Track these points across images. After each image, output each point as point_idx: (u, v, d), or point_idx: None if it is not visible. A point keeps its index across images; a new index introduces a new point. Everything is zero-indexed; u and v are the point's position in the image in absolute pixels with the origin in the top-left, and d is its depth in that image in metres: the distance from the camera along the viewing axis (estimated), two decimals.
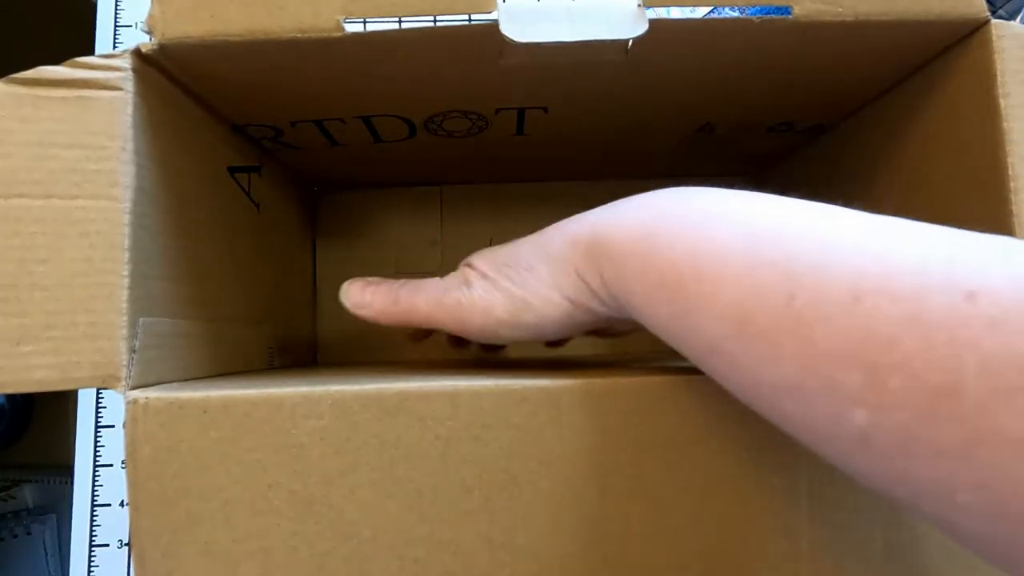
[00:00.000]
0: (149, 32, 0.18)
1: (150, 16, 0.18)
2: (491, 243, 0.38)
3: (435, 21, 0.19)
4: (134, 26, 0.37)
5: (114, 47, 0.37)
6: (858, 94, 0.26)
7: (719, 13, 0.20)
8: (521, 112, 0.27)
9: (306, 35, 0.19)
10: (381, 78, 0.22)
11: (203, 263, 0.23)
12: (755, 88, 0.25)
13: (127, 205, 0.18)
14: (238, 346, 0.26)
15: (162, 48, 0.19)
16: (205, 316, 0.23)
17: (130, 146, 0.18)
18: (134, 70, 0.19)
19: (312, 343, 0.36)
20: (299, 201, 0.35)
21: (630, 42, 0.21)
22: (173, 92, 0.21)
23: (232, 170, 0.26)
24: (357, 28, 0.19)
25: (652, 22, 0.19)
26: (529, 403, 0.18)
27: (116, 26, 0.37)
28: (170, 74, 0.20)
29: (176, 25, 0.18)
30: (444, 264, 0.37)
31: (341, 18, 0.19)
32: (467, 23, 0.19)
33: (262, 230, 0.29)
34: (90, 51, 0.36)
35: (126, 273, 0.18)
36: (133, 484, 0.18)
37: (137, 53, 0.19)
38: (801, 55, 0.22)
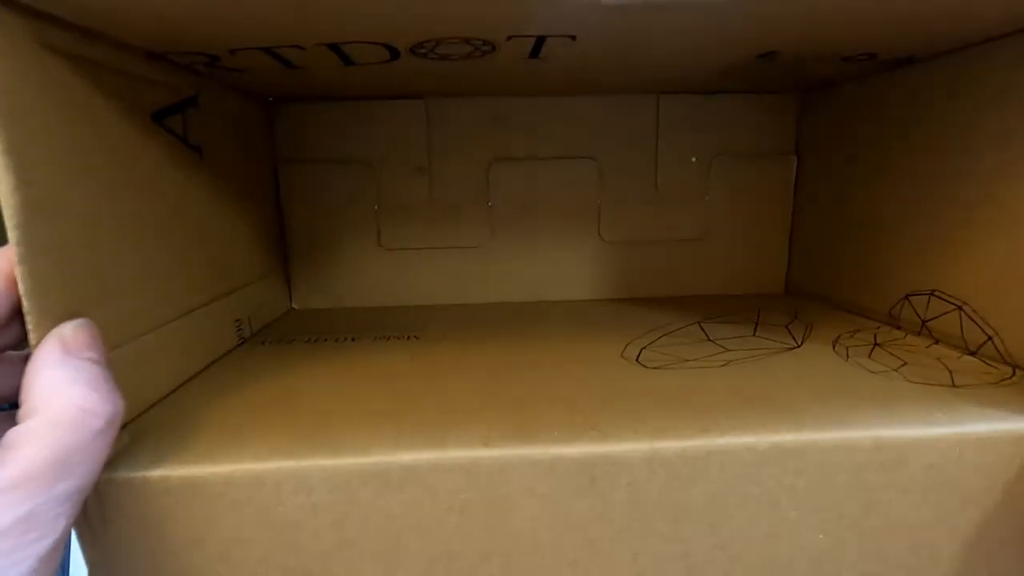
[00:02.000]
0: None
1: None
2: (489, 168, 0.33)
3: None
4: None
5: None
6: (963, 29, 0.20)
7: None
8: (540, 39, 0.20)
9: None
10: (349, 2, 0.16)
11: (155, 249, 0.18)
12: (842, 16, 0.19)
13: (15, 218, 0.13)
14: (199, 339, 0.22)
15: None
16: (152, 326, 0.18)
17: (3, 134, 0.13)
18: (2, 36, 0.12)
19: (286, 286, 0.32)
20: (252, 121, 0.28)
21: None
22: (48, 34, 0.14)
23: (160, 116, 0.19)
24: None
25: None
26: (557, 473, 0.15)
27: None
28: (37, 12, 0.13)
29: None
30: (434, 197, 0.32)
31: None
32: None
33: (208, 180, 0.23)
34: None
35: (28, 308, 0.13)
36: (96, 566, 0.15)
37: None
38: None
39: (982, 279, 0.21)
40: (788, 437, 0.16)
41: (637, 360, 0.22)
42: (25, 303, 0.13)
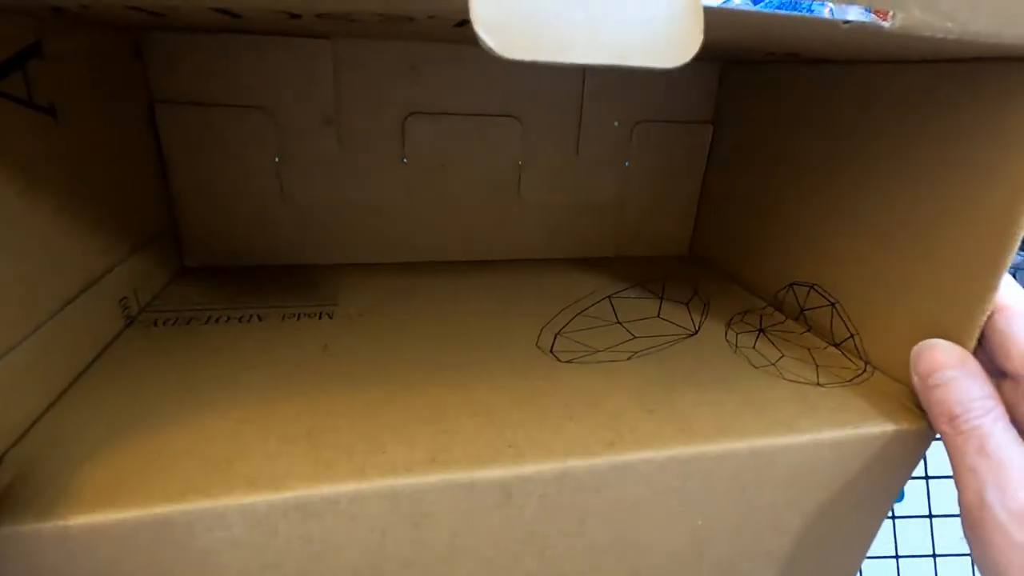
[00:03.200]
0: None
1: None
2: (404, 122, 0.30)
3: None
4: None
5: None
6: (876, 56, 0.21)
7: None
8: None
9: None
10: None
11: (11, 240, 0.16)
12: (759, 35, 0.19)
13: None
14: (81, 331, 0.19)
15: None
16: (29, 329, 0.16)
17: None
18: None
19: (175, 245, 0.29)
20: (114, 58, 0.24)
21: None
22: None
23: None
24: None
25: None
26: (476, 493, 0.16)
27: None
28: None
29: None
30: (344, 151, 0.29)
31: None
32: None
33: (66, 144, 0.19)
34: None
35: None
36: None
37: None
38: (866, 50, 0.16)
39: (854, 282, 0.24)
40: (681, 450, 0.17)
41: (551, 351, 0.23)
42: None
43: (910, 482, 0.25)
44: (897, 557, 0.46)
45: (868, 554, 0.23)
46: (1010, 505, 0.16)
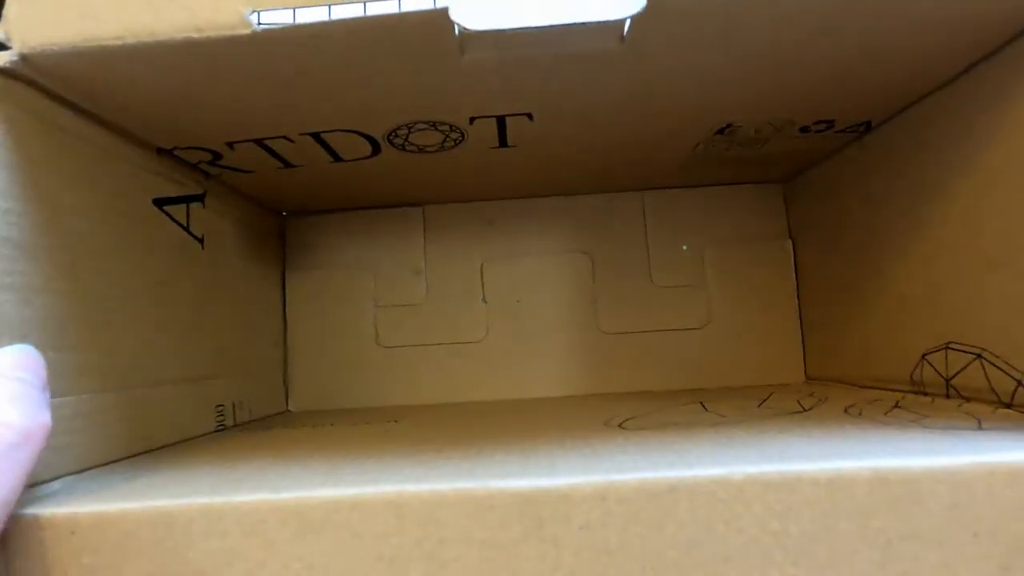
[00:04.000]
0: (5, 41, 0.15)
1: (4, 19, 0.14)
2: (481, 272, 0.34)
3: (365, 8, 0.14)
4: None
5: None
6: (919, 83, 0.21)
7: None
8: (501, 121, 0.22)
9: (204, 34, 0.15)
10: (318, 85, 0.18)
11: (113, 323, 0.19)
12: (788, 79, 0.20)
13: None
14: (170, 413, 0.22)
15: (25, 59, 0.15)
16: (116, 385, 0.19)
17: None
18: None
19: (283, 388, 0.32)
20: (260, 229, 0.31)
21: (627, 25, 0.16)
22: (56, 113, 0.17)
23: (160, 203, 0.22)
24: (271, 22, 0.15)
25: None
26: (497, 512, 0.13)
27: None
28: (47, 91, 0.16)
29: (38, 30, 0.14)
30: (430, 296, 0.33)
31: (245, 11, 0.14)
32: (413, 11, 0.15)
33: (207, 268, 0.25)
34: None
35: None
36: None
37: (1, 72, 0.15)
38: (850, 32, 0.17)
39: (995, 320, 0.19)
40: (769, 468, 0.13)
41: (620, 426, 0.20)
42: None
43: None
44: None
45: None
46: None
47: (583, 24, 0.14)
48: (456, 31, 0.16)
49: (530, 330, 0.32)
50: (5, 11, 0.14)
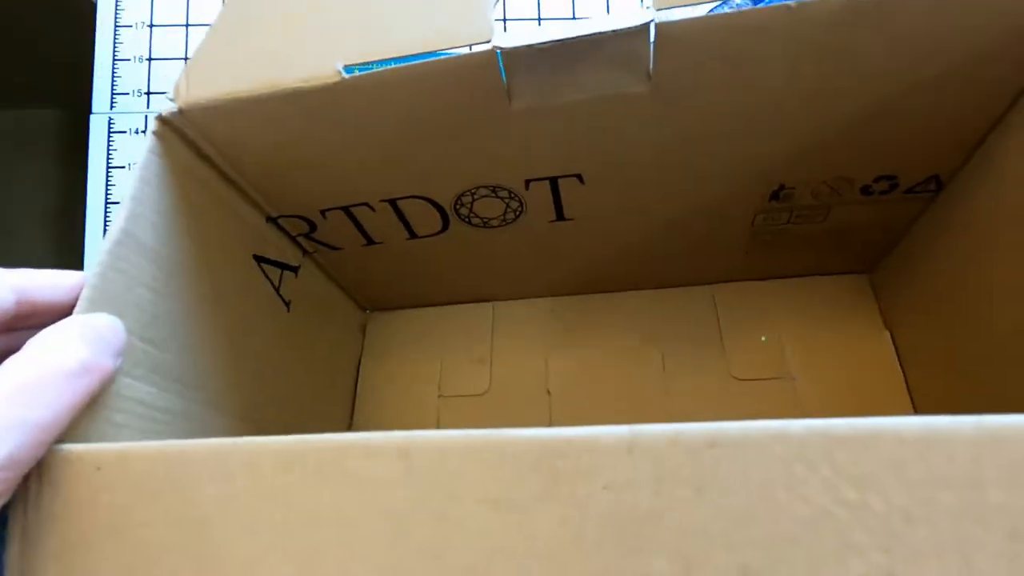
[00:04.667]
0: (175, 97, 0.20)
1: (177, 83, 0.20)
2: (546, 364, 0.33)
3: (426, 57, 0.18)
4: (134, 26, 0.37)
5: (114, 47, 0.37)
6: (979, 121, 0.21)
7: (759, 3, 0.17)
8: (555, 185, 0.24)
9: (308, 84, 0.19)
10: (390, 142, 0.21)
11: (206, 341, 0.21)
12: (838, 123, 0.21)
13: (107, 246, 0.17)
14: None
15: (181, 113, 0.20)
16: (179, 394, 0.20)
17: (130, 191, 0.18)
18: (155, 132, 0.20)
19: None
20: (345, 316, 0.34)
21: (650, 65, 0.19)
22: (199, 167, 0.22)
23: (259, 259, 0.25)
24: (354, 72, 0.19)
25: (664, 27, 0.17)
26: (512, 463, 0.12)
27: (116, 26, 0.37)
28: (193, 144, 0.21)
29: (196, 89, 0.19)
30: (492, 385, 0.32)
31: (339, 64, 0.19)
32: (464, 53, 0.18)
33: (288, 330, 0.27)
34: (90, 50, 0.36)
35: (78, 310, 0.16)
36: (18, 565, 0.13)
37: (159, 117, 0.20)
38: (896, 57, 0.18)
39: None
40: (845, 422, 0.11)
41: None
42: None
43: None
44: None
45: None
46: None
47: (605, 32, 0.17)
48: (503, 76, 0.19)
49: (595, 423, 0.30)
50: (179, 76, 0.20)
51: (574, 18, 0.31)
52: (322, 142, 0.21)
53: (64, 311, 0.16)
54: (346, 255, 0.29)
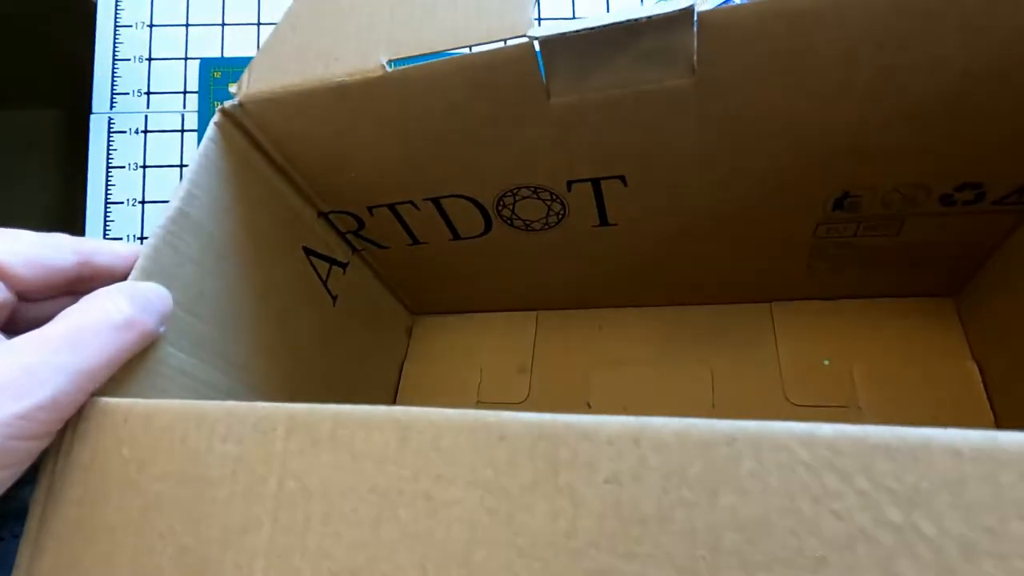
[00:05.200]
0: (237, 92, 0.21)
1: (240, 78, 0.21)
2: (587, 377, 0.32)
3: (471, 49, 0.18)
4: (134, 26, 0.37)
5: (114, 47, 0.37)
6: None
7: None
8: (597, 187, 0.24)
9: (353, 78, 0.20)
10: (432, 137, 0.22)
11: (250, 323, 0.22)
12: (911, 120, 0.19)
13: (163, 222, 0.19)
14: None
15: (241, 106, 0.21)
16: (238, 376, 0.21)
17: (188, 174, 0.20)
18: (216, 123, 0.21)
19: None
20: (390, 317, 0.34)
21: (694, 57, 0.18)
22: (256, 159, 0.23)
23: (308, 252, 0.26)
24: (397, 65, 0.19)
25: (707, 15, 0.16)
26: (506, 446, 0.11)
27: (116, 26, 0.37)
28: (253, 138, 0.22)
29: (256, 83, 0.21)
30: (532, 394, 0.32)
31: (383, 59, 0.19)
32: (502, 47, 0.18)
33: (332, 323, 0.28)
34: (90, 50, 0.36)
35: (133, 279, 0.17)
36: (41, 506, 0.14)
37: (221, 109, 0.21)
38: (969, 46, 0.16)
39: None
40: (888, 430, 0.10)
41: None
42: None
43: None
44: None
45: None
46: None
47: (642, 19, 0.16)
48: (542, 70, 0.19)
49: None
50: (247, 68, 0.21)
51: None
52: (367, 137, 0.22)
53: (121, 278, 0.17)
54: (392, 254, 0.30)
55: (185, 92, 0.37)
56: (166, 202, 0.19)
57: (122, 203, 0.37)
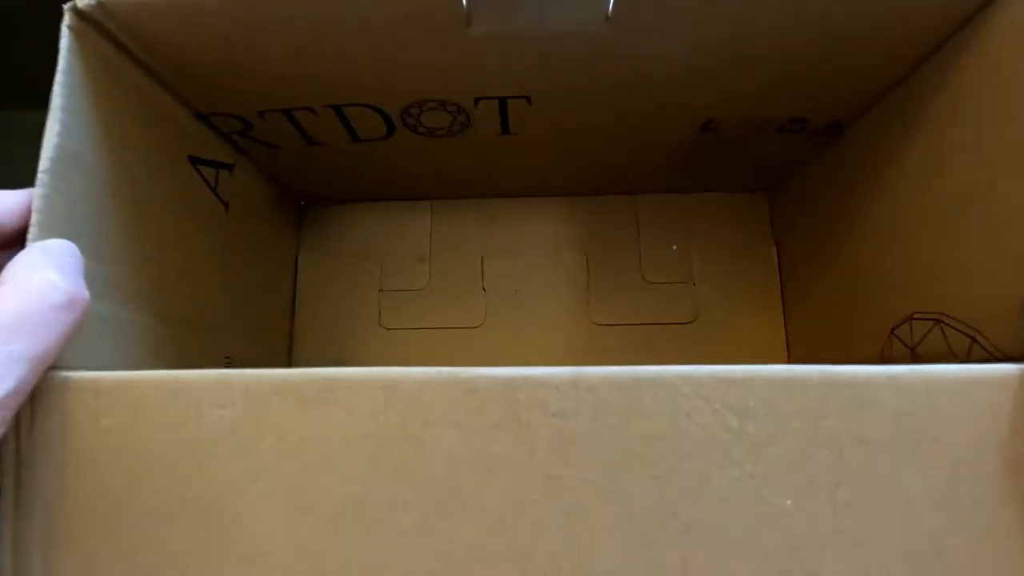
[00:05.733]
0: None
1: None
2: (482, 262, 0.36)
3: None
4: None
5: None
6: (882, 75, 0.23)
7: None
8: (503, 104, 0.25)
9: None
10: (339, 53, 0.21)
11: (152, 252, 0.21)
12: (762, 69, 0.22)
13: (45, 164, 0.16)
14: (187, 348, 0.23)
15: (101, 5, 0.18)
16: (138, 308, 0.20)
17: (56, 101, 0.17)
18: (70, 27, 0.17)
19: (287, 357, 0.34)
20: (280, 212, 0.33)
21: (610, 5, 0.19)
22: (122, 63, 0.20)
23: (194, 160, 0.24)
24: None
25: None
26: (478, 395, 0.15)
27: None
28: (114, 38, 0.19)
29: None
30: (432, 282, 0.35)
31: None
32: None
33: (228, 231, 0.27)
34: None
35: (31, 237, 0.16)
36: (13, 478, 0.15)
37: (74, 9, 0.17)
38: (816, 18, 0.19)
39: (956, 287, 0.21)
40: (731, 368, 0.15)
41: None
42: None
43: None
44: None
45: None
46: None
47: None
48: (464, 1, 0.18)
49: (526, 319, 0.34)
50: None
51: None
52: (264, 48, 0.20)
53: (17, 232, 0.16)
54: (283, 153, 0.28)
55: None
56: None
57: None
